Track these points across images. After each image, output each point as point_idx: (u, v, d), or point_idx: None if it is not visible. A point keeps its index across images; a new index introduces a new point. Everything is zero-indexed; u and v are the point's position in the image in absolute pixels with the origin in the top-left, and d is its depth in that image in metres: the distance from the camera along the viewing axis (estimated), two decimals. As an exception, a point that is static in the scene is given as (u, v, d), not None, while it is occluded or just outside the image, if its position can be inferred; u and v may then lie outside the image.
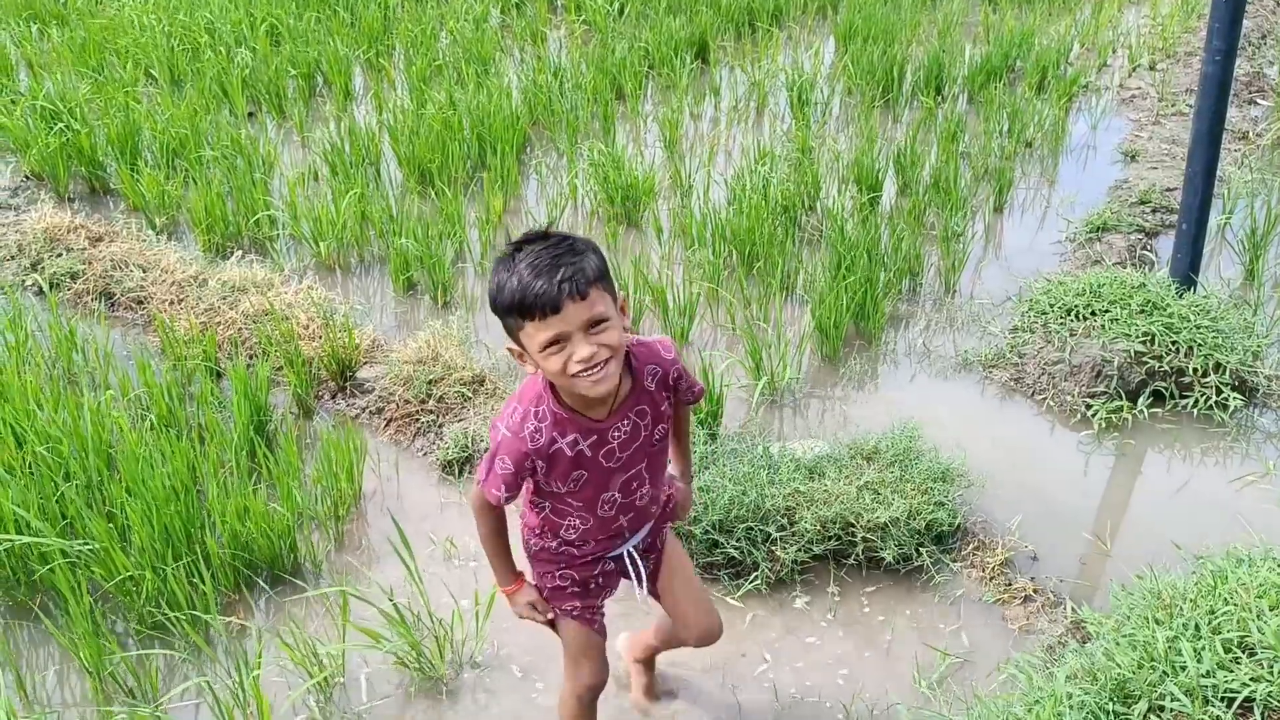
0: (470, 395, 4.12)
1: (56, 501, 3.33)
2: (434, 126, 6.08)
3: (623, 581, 2.60)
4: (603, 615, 2.59)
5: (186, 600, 3.13)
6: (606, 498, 2.36)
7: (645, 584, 2.55)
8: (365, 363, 4.38)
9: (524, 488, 2.37)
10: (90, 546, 3.17)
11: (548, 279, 1.98)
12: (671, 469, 2.62)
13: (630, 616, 3.12)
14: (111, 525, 3.25)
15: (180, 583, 3.13)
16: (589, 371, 2.07)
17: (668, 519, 2.61)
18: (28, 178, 6.09)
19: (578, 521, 2.39)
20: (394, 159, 6.17)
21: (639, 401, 2.28)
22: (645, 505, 2.46)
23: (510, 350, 2.17)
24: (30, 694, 3.01)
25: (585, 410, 2.22)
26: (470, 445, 3.89)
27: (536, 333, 2.03)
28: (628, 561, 2.52)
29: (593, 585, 2.52)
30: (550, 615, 2.53)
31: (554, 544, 2.45)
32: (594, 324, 2.05)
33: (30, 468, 3.45)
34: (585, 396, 2.16)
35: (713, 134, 6.70)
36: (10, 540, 3.18)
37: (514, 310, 2.03)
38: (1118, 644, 2.69)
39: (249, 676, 2.88)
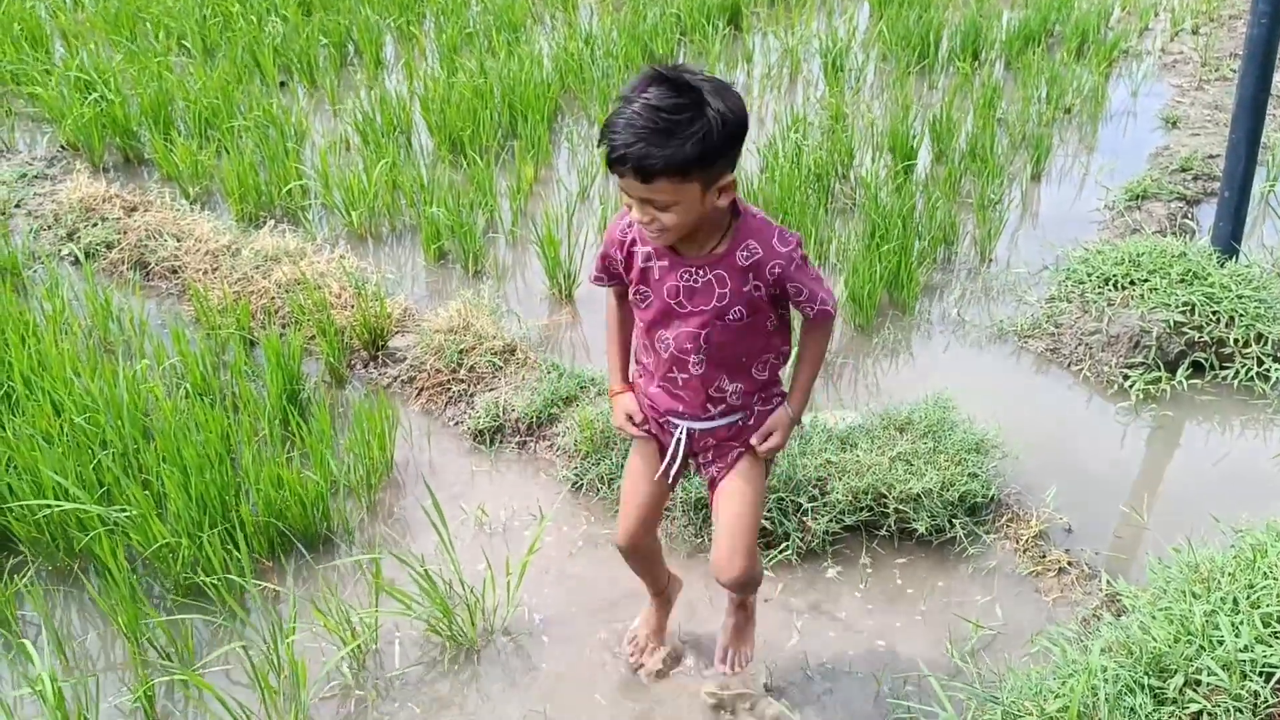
0: (501, 365, 4.12)
1: (94, 469, 3.37)
2: (465, 95, 6.05)
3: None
4: (668, 476, 2.55)
5: (222, 566, 3.16)
6: (661, 336, 2.36)
7: (670, 473, 2.53)
8: (397, 332, 4.39)
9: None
10: (128, 513, 3.21)
11: (624, 144, 1.99)
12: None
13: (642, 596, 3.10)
14: (148, 493, 3.28)
15: (216, 549, 3.16)
16: (644, 227, 2.16)
17: (745, 435, 2.48)
18: (63, 148, 6.12)
19: (646, 350, 2.44)
20: (425, 128, 6.16)
21: (722, 266, 2.24)
22: (701, 378, 2.37)
23: None
24: (70, 658, 3.06)
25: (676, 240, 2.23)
26: (501, 415, 3.90)
27: (614, 174, 2.09)
28: (674, 439, 2.48)
29: (657, 432, 2.54)
30: (640, 432, 2.54)
31: (640, 366, 2.51)
32: (655, 203, 2.07)
33: (68, 435, 3.49)
34: None
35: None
36: (51, 507, 3.22)
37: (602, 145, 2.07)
38: (1154, 617, 2.67)
39: (284, 642, 2.92)
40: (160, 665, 2.98)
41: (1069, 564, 3.28)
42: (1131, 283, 4.32)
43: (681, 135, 1.98)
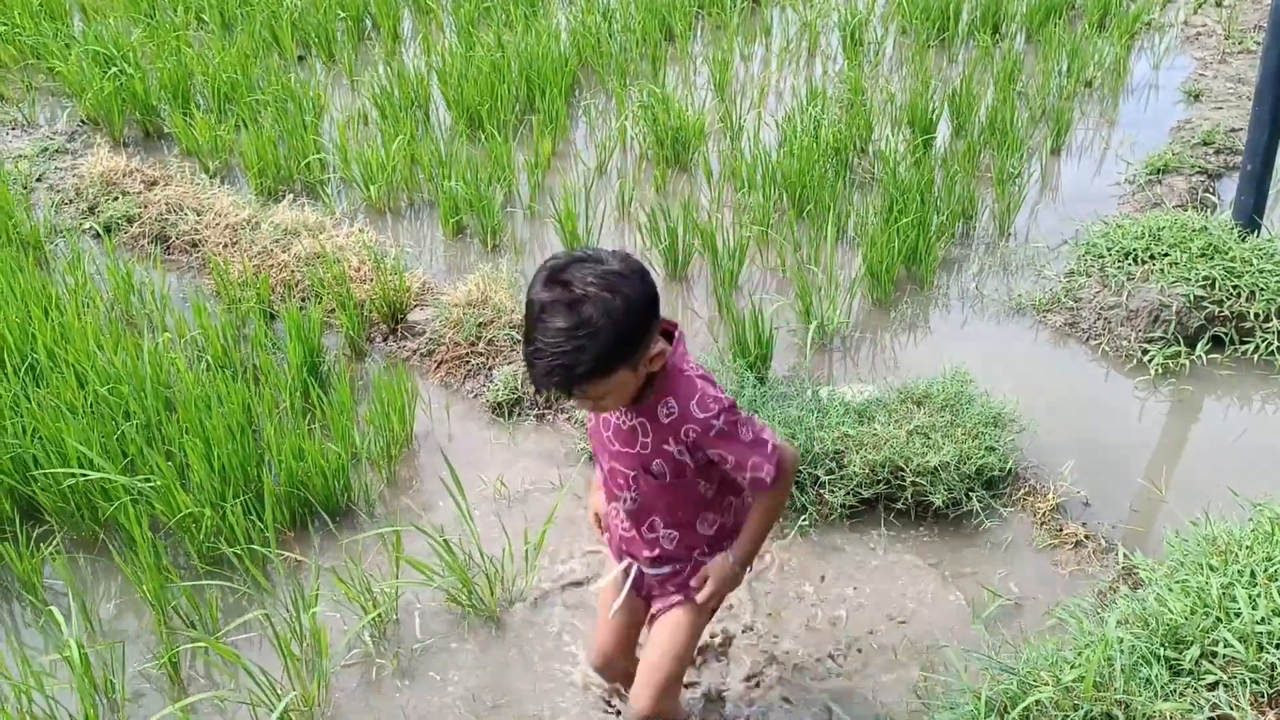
0: (519, 338, 4.13)
1: (117, 440, 3.41)
2: (482, 69, 6.05)
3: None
4: (620, 608, 2.43)
5: (244, 536, 3.20)
6: (602, 467, 2.31)
7: (617, 606, 2.41)
8: (416, 305, 4.41)
9: None
10: (151, 483, 3.25)
11: (540, 373, 1.94)
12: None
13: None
14: (171, 463, 3.32)
15: (239, 519, 3.20)
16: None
17: (680, 581, 2.36)
18: (83, 122, 6.15)
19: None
20: (443, 102, 6.16)
21: (645, 414, 2.13)
22: (638, 521, 2.30)
23: None
24: (96, 625, 3.10)
25: None
26: (519, 388, 3.92)
27: None
28: (628, 571, 2.39)
29: (615, 556, 2.46)
30: (602, 541, 2.52)
31: None
32: (589, 403, 2.05)
33: (92, 407, 3.52)
34: None
35: (763, 75, 6.60)
36: (76, 476, 3.26)
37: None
38: (1170, 590, 2.67)
39: (306, 611, 2.95)
40: (185, 633, 3.03)
41: (1086, 537, 3.29)
42: (1151, 257, 4.30)
43: (589, 349, 1.90)
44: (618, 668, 2.56)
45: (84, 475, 3.25)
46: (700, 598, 2.31)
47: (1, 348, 3.75)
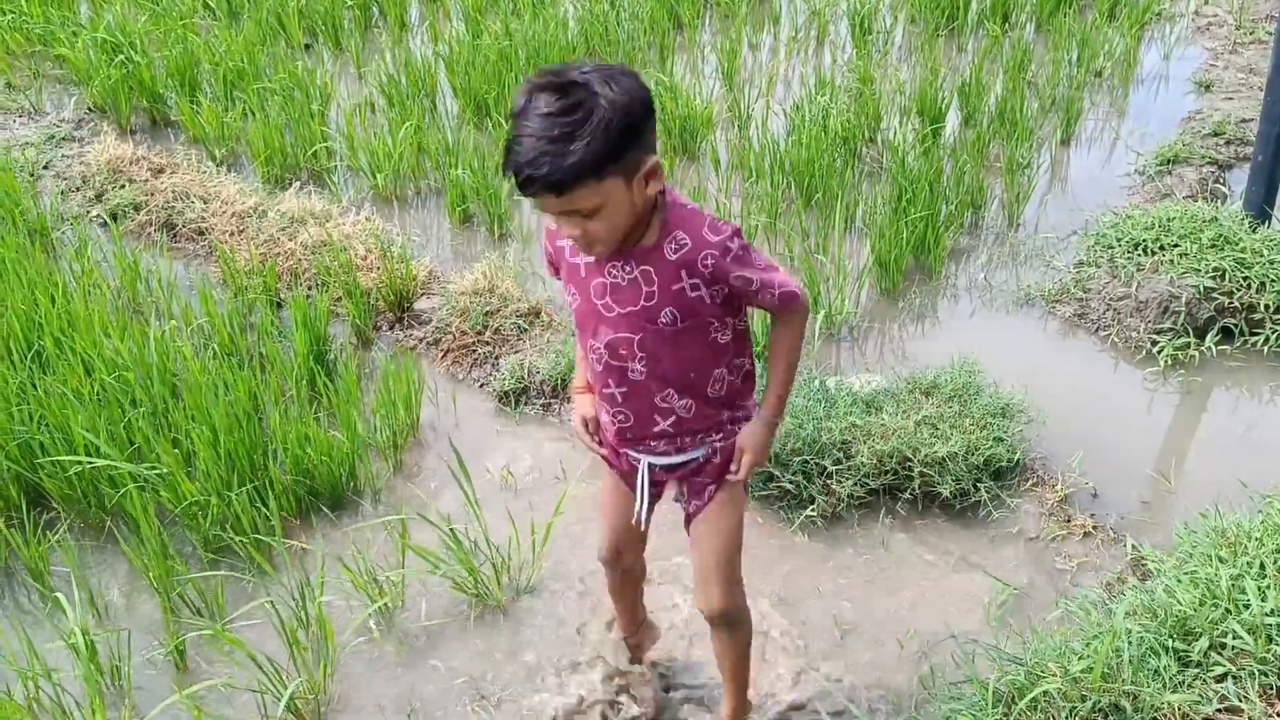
0: (526, 327, 4.13)
1: (124, 427, 3.41)
2: (490, 57, 6.03)
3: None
4: (641, 519, 2.32)
5: (250, 524, 3.20)
6: (593, 346, 2.11)
7: (644, 512, 2.30)
8: (422, 294, 4.41)
9: None
10: (158, 471, 3.25)
11: (527, 168, 1.77)
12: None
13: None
14: (177, 451, 3.31)
15: (244, 507, 3.20)
16: (578, 244, 1.95)
17: (712, 469, 2.25)
18: (90, 110, 6.15)
19: (583, 357, 2.21)
20: (450, 90, 6.15)
21: (648, 260, 1.99)
22: (644, 394, 2.13)
23: None
24: (102, 612, 3.11)
25: None
26: (526, 377, 3.91)
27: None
28: (640, 476, 2.26)
29: (614, 462, 2.33)
30: (595, 447, 2.31)
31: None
32: (579, 213, 1.85)
33: (98, 394, 3.52)
34: None
35: (772, 64, 6.58)
36: (83, 463, 3.26)
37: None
38: (1179, 581, 2.66)
39: (313, 600, 2.95)
40: (191, 620, 3.03)
41: (1094, 528, 3.27)
42: (1161, 248, 4.27)
43: (581, 135, 1.76)
44: (626, 565, 2.51)
45: (90, 463, 3.25)
46: (743, 472, 2.21)
47: (8, 335, 3.75)
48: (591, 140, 1.76)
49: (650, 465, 2.26)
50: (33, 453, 3.36)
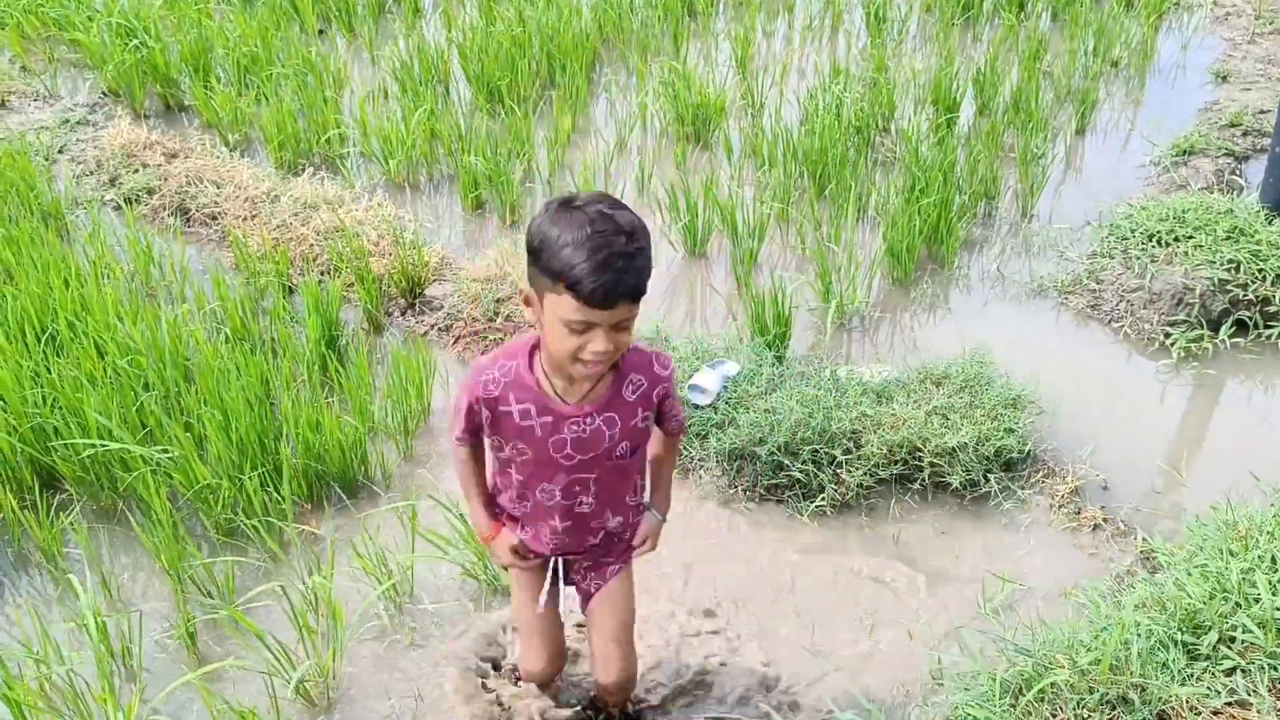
0: (537, 314, 4.12)
1: (136, 411, 3.42)
2: (503, 44, 6.02)
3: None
4: (553, 602, 2.44)
5: (261, 508, 3.21)
6: (546, 489, 2.21)
7: (550, 600, 2.41)
8: (434, 280, 4.41)
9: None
10: (170, 454, 3.26)
11: (615, 275, 1.84)
12: (648, 497, 2.42)
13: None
14: (189, 434, 3.33)
15: (256, 491, 3.21)
16: (594, 363, 1.96)
17: (625, 553, 2.40)
18: (104, 94, 6.16)
19: (519, 501, 2.28)
20: (463, 77, 6.14)
21: (610, 407, 2.12)
22: (586, 520, 2.27)
23: (522, 292, 2.01)
24: (114, 593, 3.12)
25: (555, 389, 2.10)
26: (537, 363, 3.91)
27: (571, 311, 1.88)
28: (550, 569, 2.37)
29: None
30: (530, 566, 2.38)
31: (508, 506, 2.34)
32: (621, 325, 1.94)
33: (111, 378, 3.54)
34: (565, 375, 2.07)
35: (786, 52, 6.55)
36: (96, 446, 3.28)
37: (563, 278, 1.85)
38: (1189, 574, 2.66)
39: (322, 583, 2.97)
40: (202, 603, 3.04)
41: (1104, 520, 3.27)
42: (1176, 239, 4.25)
43: (639, 250, 1.89)
44: (552, 670, 2.57)
45: (103, 446, 3.27)
46: (641, 553, 2.41)
47: (23, 318, 3.76)
48: (645, 253, 1.92)
49: (560, 559, 2.38)
50: (46, 436, 3.38)
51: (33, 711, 2.63)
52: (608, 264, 1.83)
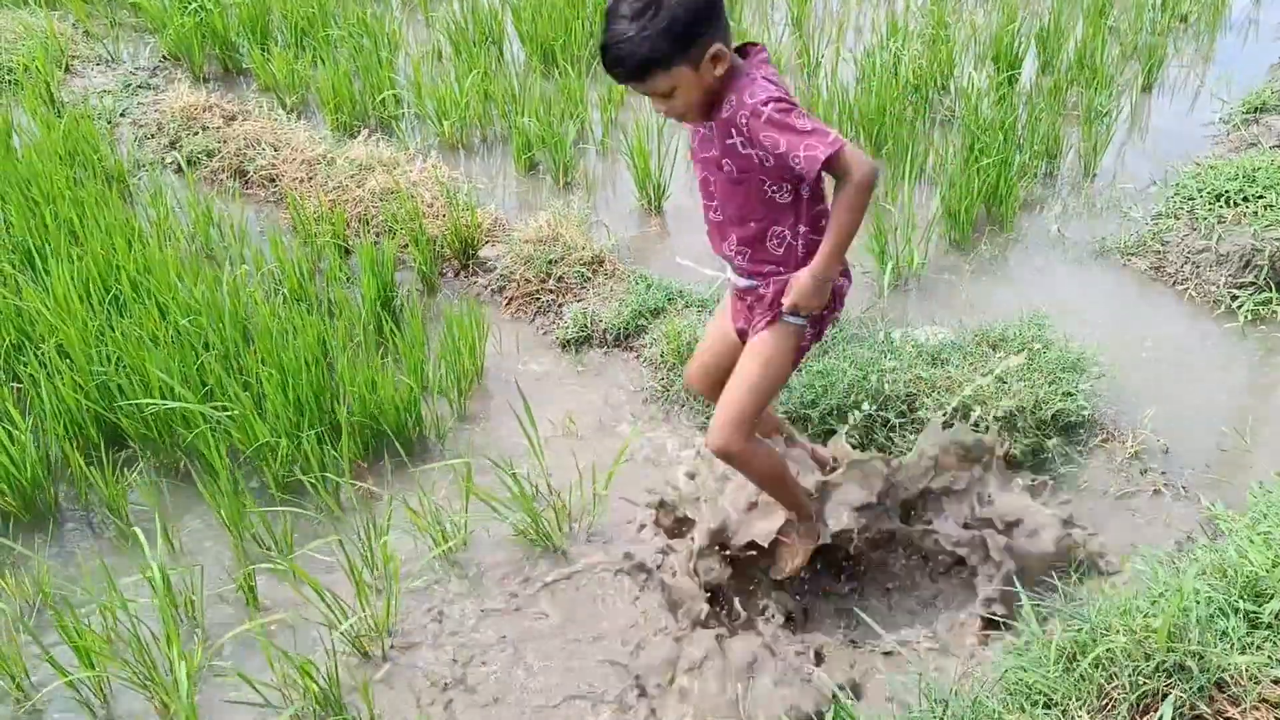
0: (590, 276, 4.13)
1: (197, 370, 3.48)
2: (557, 4, 5.99)
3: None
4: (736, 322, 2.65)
5: (319, 465, 3.26)
6: (699, 178, 2.55)
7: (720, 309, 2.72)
8: (487, 242, 4.42)
9: None
10: (230, 413, 3.32)
11: (608, 62, 2.26)
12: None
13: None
14: (248, 393, 3.38)
15: (313, 448, 3.26)
16: (668, 116, 2.39)
17: (763, 304, 2.52)
18: (165, 58, 6.24)
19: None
20: (516, 37, 6.12)
21: (715, 118, 2.38)
22: (721, 228, 2.52)
23: None
24: (177, 547, 3.20)
25: None
26: (589, 325, 3.92)
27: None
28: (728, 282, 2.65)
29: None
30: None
31: None
32: (657, 95, 2.31)
33: (173, 338, 3.60)
34: None
35: (842, 9, 6.44)
36: (159, 404, 3.35)
37: None
38: (1251, 541, 2.60)
39: (378, 539, 3.01)
40: (261, 556, 3.11)
41: (1164, 486, 3.21)
42: (1245, 199, 4.13)
43: (652, 33, 2.19)
44: (699, 386, 2.86)
45: (166, 404, 3.34)
46: (786, 304, 2.46)
47: (88, 279, 3.84)
48: (658, 38, 2.20)
49: (731, 278, 2.62)
50: (111, 394, 3.45)
51: (100, 659, 2.71)
52: (604, 48, 2.25)
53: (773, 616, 2.83)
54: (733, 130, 2.34)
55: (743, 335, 2.63)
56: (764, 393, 2.54)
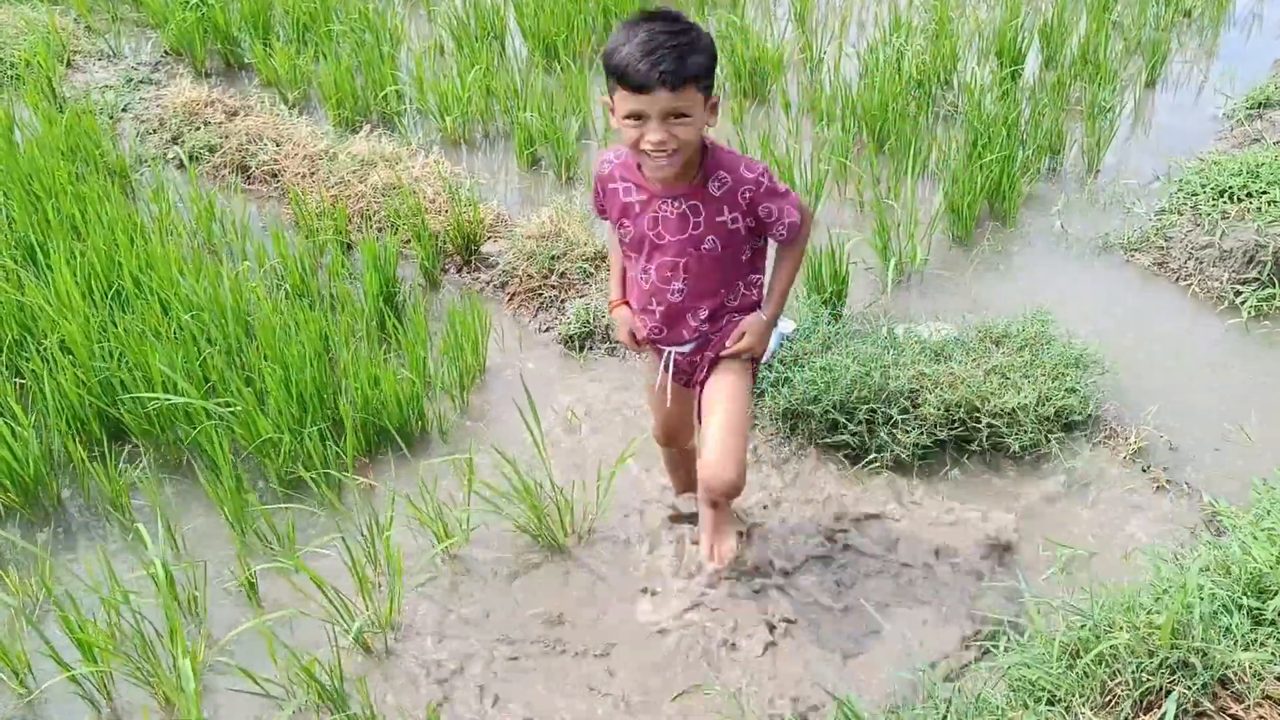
0: (592, 271, 4.12)
1: (200, 366, 3.48)
2: (559, -1, 5.98)
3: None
4: (665, 393, 2.67)
5: (321, 461, 3.26)
6: (644, 268, 2.50)
7: (667, 386, 2.65)
8: (489, 237, 4.42)
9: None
10: (232, 409, 3.32)
11: (650, 62, 2.14)
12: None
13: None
14: (250, 389, 3.38)
15: (315, 445, 3.26)
16: (656, 154, 2.25)
17: (719, 344, 2.57)
18: (167, 53, 6.23)
19: (631, 283, 2.59)
20: (519, 32, 6.11)
21: (695, 197, 2.38)
22: (680, 309, 2.51)
23: (604, 101, 2.33)
24: (179, 543, 3.20)
25: (650, 178, 2.41)
26: (591, 321, 3.91)
27: (623, 100, 2.22)
28: (662, 360, 2.64)
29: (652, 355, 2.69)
30: (637, 350, 2.69)
31: (631, 300, 2.64)
32: (674, 115, 2.20)
33: (175, 333, 3.60)
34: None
35: (846, 5, 6.43)
36: (161, 399, 3.35)
37: (613, 72, 2.21)
38: (1255, 538, 2.60)
39: (381, 535, 3.01)
40: (263, 552, 3.11)
41: (1168, 483, 3.21)
42: (1249, 195, 4.13)
43: (695, 47, 2.18)
44: (680, 441, 2.90)
45: (169, 399, 3.34)
46: (736, 348, 2.54)
47: (90, 274, 3.84)
48: (701, 53, 2.20)
49: (674, 354, 2.63)
50: (113, 389, 3.45)
51: (103, 654, 2.72)
52: (646, 51, 2.15)
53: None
54: (726, 206, 2.39)
55: (690, 381, 2.68)
56: (746, 421, 2.62)
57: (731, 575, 2.95)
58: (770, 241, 2.55)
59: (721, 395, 2.54)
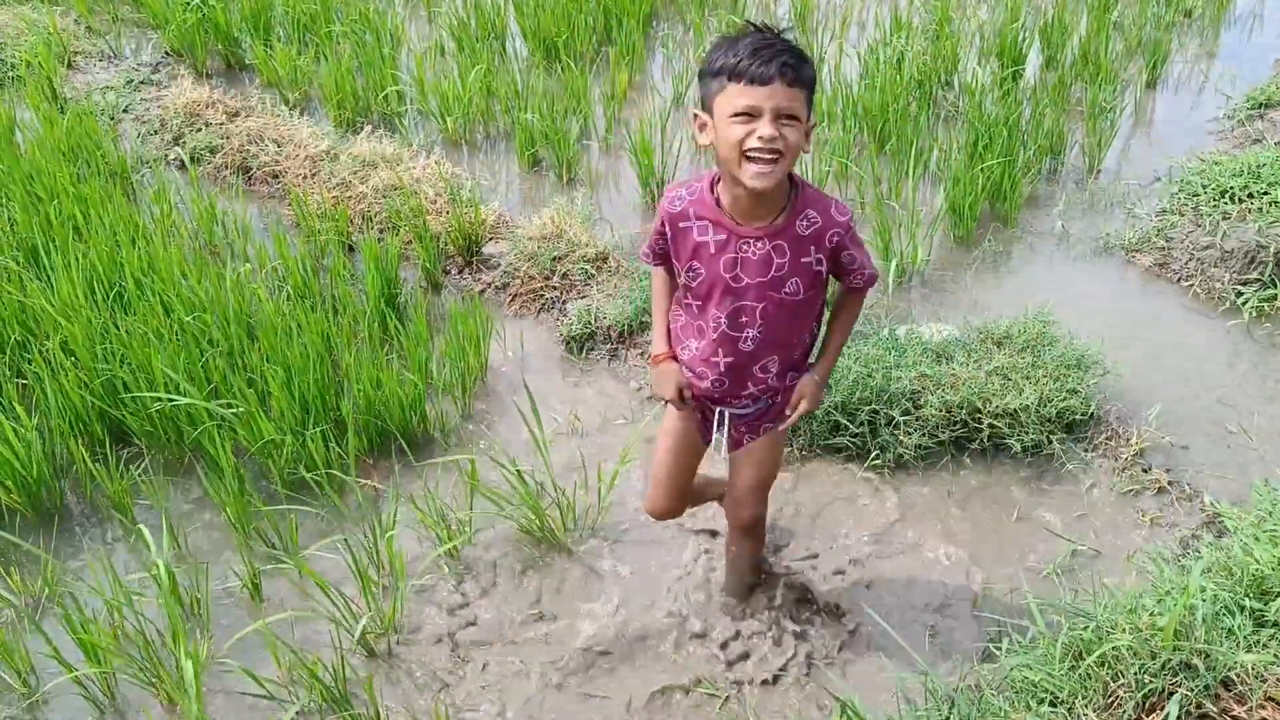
0: (593, 272, 4.12)
1: (202, 367, 3.48)
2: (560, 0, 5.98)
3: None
4: (718, 448, 2.56)
5: (324, 462, 3.26)
6: (714, 315, 2.33)
7: (724, 450, 2.55)
8: (491, 238, 4.42)
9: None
10: (235, 410, 3.32)
11: (768, 55, 2.05)
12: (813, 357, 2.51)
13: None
14: (253, 390, 3.38)
15: (318, 446, 3.26)
16: (760, 155, 2.10)
17: (778, 411, 2.50)
18: (167, 54, 6.23)
19: (692, 329, 2.40)
20: (519, 33, 6.11)
21: (781, 236, 2.25)
22: (749, 360, 2.37)
23: (695, 116, 2.19)
24: (182, 545, 3.20)
25: (732, 211, 2.25)
26: (593, 322, 3.92)
27: (735, 96, 2.08)
28: (717, 418, 2.50)
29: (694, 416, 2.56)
30: (679, 405, 2.49)
31: (681, 353, 2.47)
32: (786, 115, 2.09)
33: (177, 334, 3.60)
34: (739, 194, 2.20)
35: (846, 5, 6.43)
36: (164, 400, 3.35)
37: (724, 71, 2.09)
38: (1257, 539, 2.61)
39: (383, 536, 3.01)
40: (266, 554, 3.11)
41: (1169, 484, 3.21)
42: (1250, 195, 4.13)
43: (805, 58, 2.11)
44: (675, 512, 2.77)
45: (171, 400, 3.34)
46: (797, 415, 2.47)
47: (92, 276, 3.84)
48: (809, 63, 2.12)
49: (730, 415, 2.50)
50: (116, 390, 3.45)
51: (106, 655, 2.72)
52: (763, 47, 2.07)
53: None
54: (813, 247, 2.27)
55: (736, 444, 2.57)
56: (776, 476, 2.68)
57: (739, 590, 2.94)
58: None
59: (763, 456, 2.56)
